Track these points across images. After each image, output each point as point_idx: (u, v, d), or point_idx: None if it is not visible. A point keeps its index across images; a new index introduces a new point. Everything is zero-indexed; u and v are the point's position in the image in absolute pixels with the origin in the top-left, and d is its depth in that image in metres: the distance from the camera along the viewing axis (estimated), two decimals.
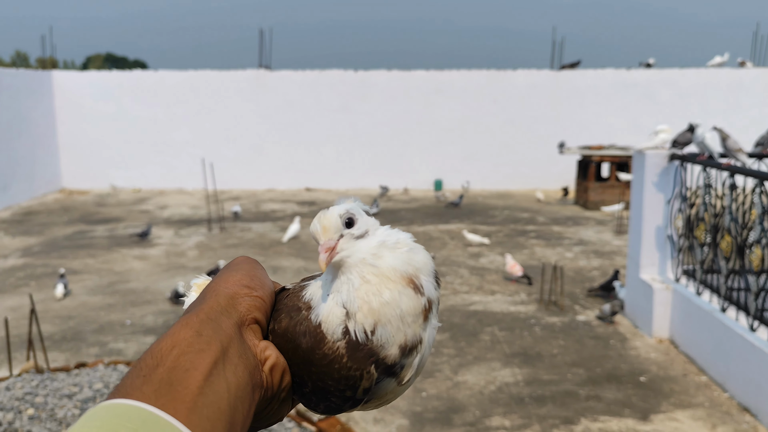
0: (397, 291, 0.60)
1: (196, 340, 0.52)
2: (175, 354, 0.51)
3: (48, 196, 13.38)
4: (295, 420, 4.10)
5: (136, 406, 0.47)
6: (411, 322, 0.60)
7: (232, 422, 0.51)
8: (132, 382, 0.49)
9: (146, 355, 0.52)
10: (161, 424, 0.46)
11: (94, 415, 0.47)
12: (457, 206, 11.78)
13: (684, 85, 13.41)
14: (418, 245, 0.65)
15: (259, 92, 13.95)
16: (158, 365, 0.50)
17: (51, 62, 15.55)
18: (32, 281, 7.36)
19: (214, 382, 0.51)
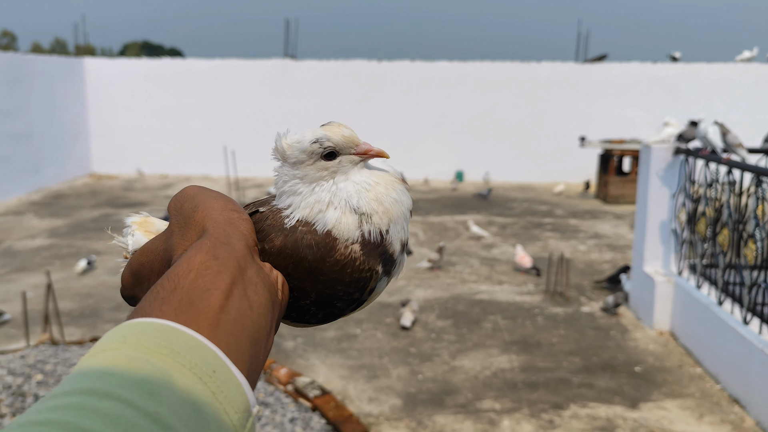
0: (401, 189, 0.65)
1: (213, 263, 0.52)
2: (193, 276, 0.50)
3: (77, 180, 13.80)
4: (292, 396, 4.28)
5: (158, 322, 0.46)
6: (405, 219, 0.64)
7: (256, 338, 0.51)
8: (150, 304, 0.49)
9: (162, 280, 0.51)
10: (185, 336, 0.46)
11: (114, 335, 0.46)
12: (486, 198, 11.85)
13: (710, 79, 13.24)
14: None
15: (284, 81, 14.16)
16: (176, 288, 0.49)
17: (88, 49, 15.95)
18: (57, 261, 7.67)
19: (235, 300, 0.50)
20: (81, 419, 0.39)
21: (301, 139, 0.65)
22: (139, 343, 0.45)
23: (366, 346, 5.25)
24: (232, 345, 0.48)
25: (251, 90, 14.20)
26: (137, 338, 0.45)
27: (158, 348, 0.44)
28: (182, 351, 0.45)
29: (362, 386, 4.57)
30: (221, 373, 0.46)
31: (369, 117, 14.07)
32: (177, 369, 0.44)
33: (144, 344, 0.44)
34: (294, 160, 0.64)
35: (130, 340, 0.45)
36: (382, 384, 4.61)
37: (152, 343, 0.45)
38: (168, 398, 0.42)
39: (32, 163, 12.34)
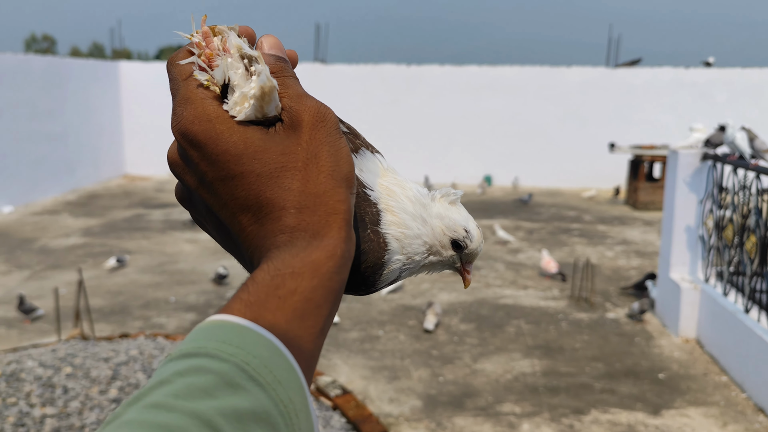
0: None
1: (334, 277, 0.47)
2: (315, 284, 0.46)
3: (111, 181, 14.11)
4: (314, 394, 4.34)
5: (268, 339, 0.43)
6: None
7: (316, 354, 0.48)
8: (267, 299, 0.45)
9: (286, 272, 0.46)
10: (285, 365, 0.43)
11: (223, 337, 0.43)
12: (527, 203, 11.80)
13: (743, 85, 13.01)
14: None
15: (314, 85, 14.28)
16: (295, 291, 0.45)
17: (124, 53, 16.30)
18: (89, 259, 7.86)
19: (330, 320, 0.48)
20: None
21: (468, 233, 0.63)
22: (243, 365, 0.41)
23: (388, 348, 5.29)
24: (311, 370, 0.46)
25: None
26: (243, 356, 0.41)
27: (259, 369, 0.41)
28: (279, 379, 0.42)
29: (383, 387, 4.61)
30: (302, 413, 0.43)
31: (398, 120, 14.12)
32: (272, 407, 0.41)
33: (249, 364, 0.41)
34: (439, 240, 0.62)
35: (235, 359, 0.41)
36: (403, 385, 4.65)
37: (257, 365, 0.41)
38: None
39: (68, 164, 12.65)
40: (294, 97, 0.51)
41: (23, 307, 5.67)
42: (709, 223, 5.40)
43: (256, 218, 0.49)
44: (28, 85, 11.61)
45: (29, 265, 7.66)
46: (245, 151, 0.48)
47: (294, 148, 0.49)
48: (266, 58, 0.53)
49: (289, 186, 0.48)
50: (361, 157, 0.61)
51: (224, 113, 0.50)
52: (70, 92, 12.79)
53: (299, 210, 0.48)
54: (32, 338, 5.32)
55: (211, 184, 0.50)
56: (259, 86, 0.48)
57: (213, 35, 0.53)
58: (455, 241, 0.62)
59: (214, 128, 0.49)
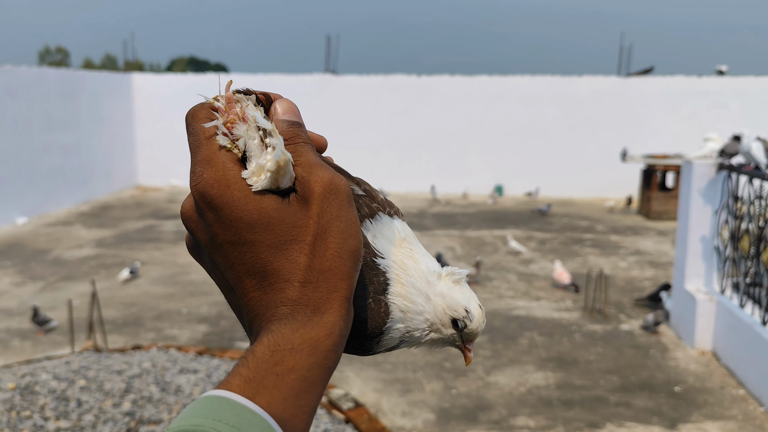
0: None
1: (330, 356, 0.49)
2: (312, 362, 0.47)
3: (124, 192, 14.19)
4: (326, 408, 4.32)
5: (265, 419, 0.44)
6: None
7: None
8: (265, 376, 0.46)
9: (284, 349, 0.47)
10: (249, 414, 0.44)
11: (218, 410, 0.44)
12: (545, 214, 11.73)
13: (757, 93, 12.92)
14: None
15: (325, 96, 14.35)
16: (293, 369, 0.46)
17: (137, 65, 16.44)
18: (102, 270, 7.89)
19: (322, 391, 0.49)
20: None
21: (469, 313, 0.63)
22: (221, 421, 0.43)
23: (401, 360, 5.26)
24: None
25: None
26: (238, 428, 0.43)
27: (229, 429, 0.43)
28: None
29: (396, 400, 4.59)
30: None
31: (409, 131, 14.14)
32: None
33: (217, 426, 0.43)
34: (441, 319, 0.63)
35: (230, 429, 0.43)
36: (416, 398, 4.62)
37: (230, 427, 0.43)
38: None
39: (81, 175, 12.75)
40: (306, 166, 0.52)
41: (37, 318, 5.69)
42: (724, 233, 5.34)
43: (261, 285, 0.50)
44: (42, 98, 11.73)
45: (43, 276, 7.70)
46: (259, 220, 0.50)
47: (305, 221, 0.50)
48: (279, 124, 0.54)
49: (296, 259, 0.49)
50: (377, 222, 0.61)
51: (242, 180, 0.51)
52: (83, 104, 12.90)
53: (303, 284, 0.49)
54: (46, 350, 5.34)
55: (222, 245, 0.51)
56: (275, 161, 0.50)
57: (234, 102, 0.55)
58: (455, 321, 0.62)
59: (232, 194, 0.50)
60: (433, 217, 11.59)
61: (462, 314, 0.63)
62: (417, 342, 0.63)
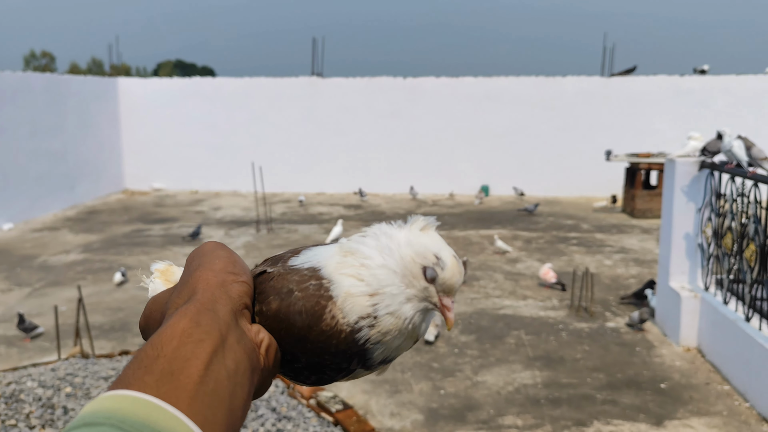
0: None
1: (195, 330, 0.53)
2: (175, 344, 0.52)
3: (111, 197, 14.12)
4: (315, 410, 4.33)
5: (138, 397, 0.48)
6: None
7: (231, 408, 0.52)
8: (133, 373, 0.50)
9: (146, 346, 0.53)
10: (163, 414, 0.47)
11: (95, 410, 0.47)
12: (532, 213, 11.77)
13: (740, 92, 13.06)
14: None
15: (312, 99, 14.35)
16: (158, 356, 0.51)
17: (123, 69, 16.35)
18: (89, 275, 7.86)
19: (213, 369, 0.52)
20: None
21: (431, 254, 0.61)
22: (123, 420, 0.46)
23: None
24: (209, 417, 0.50)
25: (279, 108, 14.42)
26: (122, 415, 0.46)
27: (141, 428, 0.46)
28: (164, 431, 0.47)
29: (384, 401, 4.60)
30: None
31: (396, 133, 14.17)
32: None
33: (127, 421, 0.46)
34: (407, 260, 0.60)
35: (116, 415, 0.46)
36: (404, 399, 4.64)
37: (135, 422, 0.46)
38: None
39: (68, 180, 12.67)
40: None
41: (23, 325, 5.66)
42: (707, 231, 5.41)
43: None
44: (28, 103, 11.66)
45: (29, 282, 7.65)
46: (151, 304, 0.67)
47: (181, 286, 0.62)
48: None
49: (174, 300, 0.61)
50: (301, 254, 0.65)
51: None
52: (69, 109, 12.83)
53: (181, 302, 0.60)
54: (32, 357, 5.31)
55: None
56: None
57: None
58: (425, 269, 0.59)
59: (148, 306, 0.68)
60: None
61: (432, 260, 0.59)
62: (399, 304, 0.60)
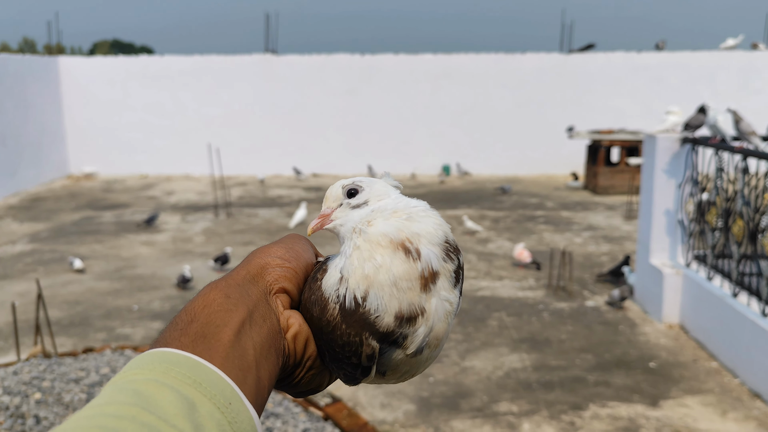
0: (388, 256, 0.60)
1: (225, 301, 0.57)
2: (207, 312, 0.56)
3: (55, 182, 13.41)
4: (302, 405, 4.09)
5: (179, 353, 0.52)
6: (406, 289, 0.59)
7: (258, 377, 0.55)
8: (170, 335, 0.54)
9: (181, 313, 0.57)
10: (206, 370, 0.51)
11: (142, 361, 0.51)
12: (507, 192, 11.68)
13: (695, 68, 13.24)
14: (427, 213, 0.64)
15: (266, 77, 13.89)
16: (192, 321, 0.55)
17: (58, 49, 15.52)
18: (40, 267, 7.37)
19: (242, 338, 0.55)
20: (127, 428, 0.44)
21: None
22: (166, 371, 0.50)
23: None
24: (240, 378, 0.53)
25: (232, 86, 13.90)
26: (165, 367, 0.50)
27: (183, 378, 0.50)
28: (204, 383, 0.50)
29: (373, 391, 4.40)
30: (236, 405, 0.51)
31: (354, 112, 13.86)
32: (199, 399, 0.49)
33: (170, 373, 0.50)
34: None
35: (159, 368, 0.50)
36: (393, 388, 4.44)
37: (177, 372, 0.50)
38: (192, 422, 0.47)
39: (8, 166, 11.93)
40: None
41: None
42: (689, 207, 5.36)
43: None
44: None
45: None
46: None
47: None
48: None
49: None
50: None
51: None
52: (6, 90, 12.04)
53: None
54: None
55: None
56: None
57: None
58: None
59: None
60: None
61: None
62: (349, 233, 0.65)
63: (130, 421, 0.45)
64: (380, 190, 0.68)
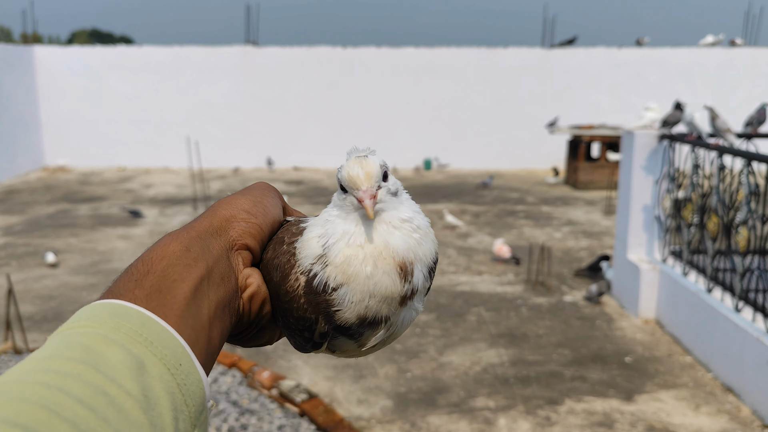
0: (383, 270, 0.58)
1: (185, 254, 0.54)
2: (164, 264, 0.53)
3: (30, 175, 13.20)
4: (278, 401, 4.06)
5: (131, 307, 0.49)
6: (379, 302, 0.58)
7: (210, 337, 0.53)
8: (124, 285, 0.51)
9: (137, 261, 0.54)
10: (158, 327, 0.49)
11: (92, 313, 0.49)
12: (488, 186, 11.68)
13: (674, 64, 13.34)
14: (430, 232, 0.63)
15: (246, 69, 13.76)
16: (148, 272, 0.52)
17: (34, 38, 15.25)
18: (13, 261, 7.25)
19: (198, 296, 0.52)
20: (71, 387, 0.42)
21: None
22: (117, 326, 0.47)
23: None
24: (192, 338, 0.51)
25: (212, 78, 13.76)
26: (116, 322, 0.48)
27: (134, 335, 0.47)
28: (155, 342, 0.48)
29: (350, 387, 4.38)
30: (186, 366, 0.49)
31: (335, 105, 13.79)
32: (149, 358, 0.47)
33: (121, 329, 0.47)
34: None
35: (109, 323, 0.47)
36: (370, 384, 4.43)
37: (128, 329, 0.47)
38: (140, 383, 0.45)
39: None
40: None
41: None
42: (666, 203, 5.39)
43: None
44: None
45: None
46: None
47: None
48: None
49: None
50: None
51: None
52: None
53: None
54: None
55: None
56: None
57: None
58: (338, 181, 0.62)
59: None
60: None
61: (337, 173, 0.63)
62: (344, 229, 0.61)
63: (75, 379, 0.43)
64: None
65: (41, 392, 0.41)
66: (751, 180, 4.26)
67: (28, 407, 0.40)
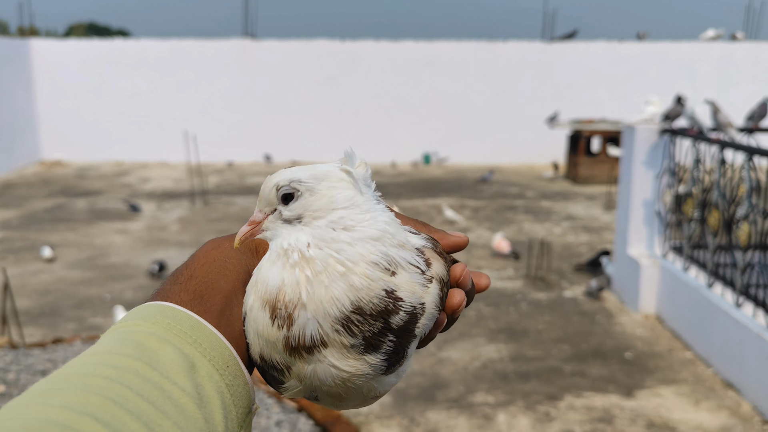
0: (256, 307, 0.53)
1: (224, 265, 0.56)
2: (205, 270, 0.56)
3: (27, 169, 13.15)
4: (276, 396, 4.04)
5: (180, 310, 0.52)
6: (266, 343, 0.53)
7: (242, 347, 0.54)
8: (171, 288, 0.54)
9: (182, 267, 0.57)
10: (204, 328, 0.51)
11: (144, 313, 0.51)
12: (488, 181, 11.64)
13: (675, 58, 13.28)
14: (357, 271, 0.51)
15: (244, 62, 13.70)
16: (192, 277, 0.55)
17: (31, 31, 15.19)
18: (10, 255, 7.21)
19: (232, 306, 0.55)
20: (131, 381, 0.44)
21: None
22: (168, 327, 0.50)
23: None
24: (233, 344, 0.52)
25: (209, 71, 13.70)
26: (167, 323, 0.50)
27: (184, 336, 0.50)
28: (204, 343, 0.50)
29: None
30: (233, 368, 0.51)
31: (334, 99, 13.74)
32: (199, 359, 0.49)
33: (172, 329, 0.50)
34: None
35: (161, 323, 0.50)
36: None
37: (179, 330, 0.50)
38: (192, 381, 0.47)
39: None
40: None
41: None
42: (666, 198, 5.36)
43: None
44: None
45: None
46: None
47: None
48: None
49: None
50: None
51: None
52: None
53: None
54: None
55: None
56: None
57: None
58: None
59: None
60: None
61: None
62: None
63: (133, 374, 0.45)
64: (323, 198, 0.55)
65: (104, 385, 0.43)
66: (753, 175, 4.22)
67: (95, 398, 0.42)
